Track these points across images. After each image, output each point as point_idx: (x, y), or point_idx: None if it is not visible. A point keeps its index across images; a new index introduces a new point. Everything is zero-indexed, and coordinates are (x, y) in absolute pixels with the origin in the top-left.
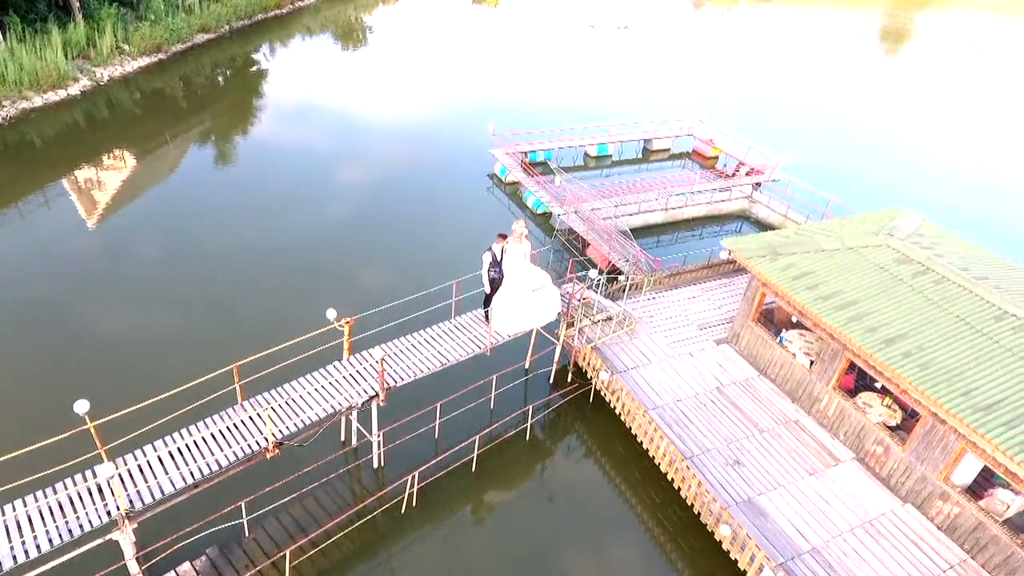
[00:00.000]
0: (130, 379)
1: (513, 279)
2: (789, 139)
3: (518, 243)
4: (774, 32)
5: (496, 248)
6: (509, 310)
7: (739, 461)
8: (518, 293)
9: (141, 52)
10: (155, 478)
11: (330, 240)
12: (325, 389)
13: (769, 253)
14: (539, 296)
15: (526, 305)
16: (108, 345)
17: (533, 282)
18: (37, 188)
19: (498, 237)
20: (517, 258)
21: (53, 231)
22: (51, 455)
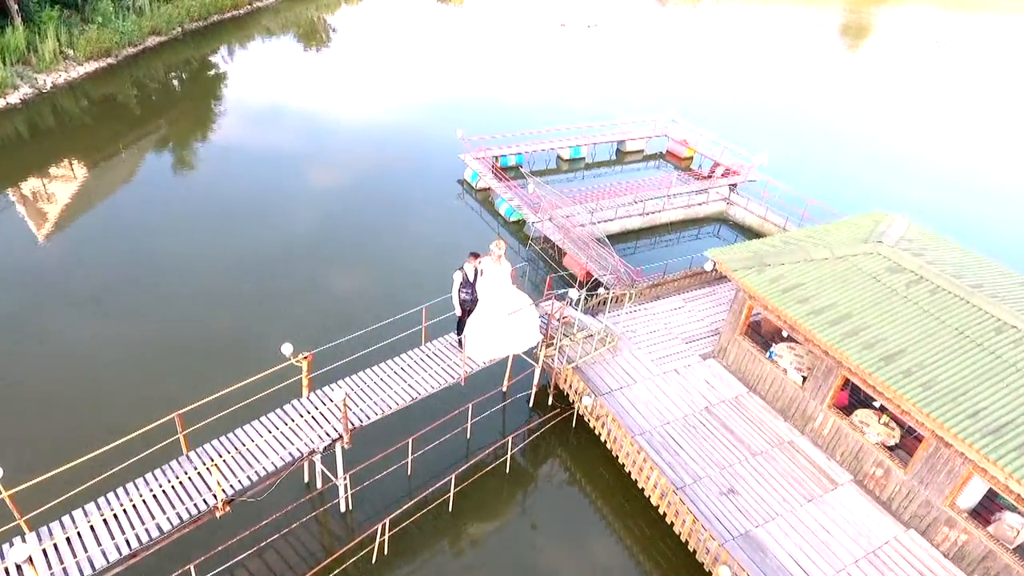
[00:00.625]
0: (56, 432)
1: (490, 302)
2: (760, 136)
3: (496, 264)
4: (738, 29)
5: (468, 268)
6: (485, 336)
7: (733, 489)
8: (495, 317)
9: (88, 57)
10: (85, 551)
11: (289, 259)
12: (282, 434)
13: (756, 264)
14: (518, 320)
15: (504, 330)
16: (35, 386)
17: (511, 305)
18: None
19: (469, 256)
20: (496, 280)
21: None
22: None
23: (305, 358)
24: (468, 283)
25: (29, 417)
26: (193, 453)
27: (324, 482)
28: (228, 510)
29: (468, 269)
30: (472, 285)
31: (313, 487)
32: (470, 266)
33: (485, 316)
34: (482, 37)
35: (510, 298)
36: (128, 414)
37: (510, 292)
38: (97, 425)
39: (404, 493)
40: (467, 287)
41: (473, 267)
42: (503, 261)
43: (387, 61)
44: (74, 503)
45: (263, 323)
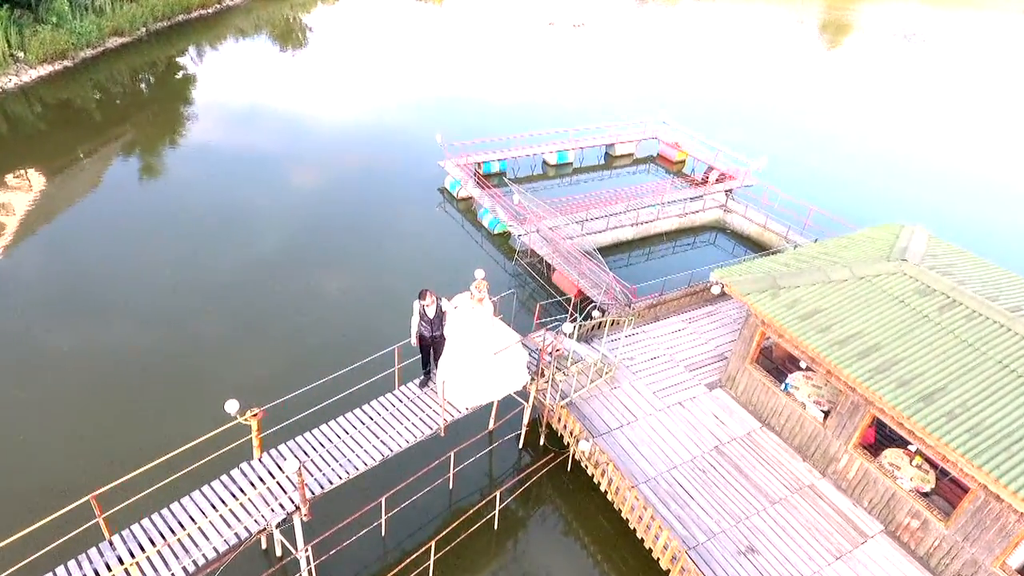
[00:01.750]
0: None
1: (470, 345)
2: (752, 136)
3: (477, 305)
4: (721, 27)
5: (425, 306)
6: (466, 381)
7: (753, 548)
8: (477, 361)
9: (41, 60)
10: None
11: (248, 284)
12: (229, 509)
13: (769, 287)
14: (502, 361)
15: (487, 374)
16: None
17: (495, 345)
18: None
19: (421, 294)
20: (477, 322)
21: None
22: None
23: (255, 415)
24: (427, 320)
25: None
26: (117, 538)
27: (284, 552)
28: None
29: (426, 308)
30: (431, 322)
31: (272, 556)
32: (427, 304)
33: (465, 359)
34: (463, 38)
35: (493, 338)
36: (36, 494)
37: (492, 331)
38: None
39: (377, 558)
40: (427, 323)
41: (430, 304)
42: (485, 302)
43: (366, 62)
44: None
45: (213, 366)
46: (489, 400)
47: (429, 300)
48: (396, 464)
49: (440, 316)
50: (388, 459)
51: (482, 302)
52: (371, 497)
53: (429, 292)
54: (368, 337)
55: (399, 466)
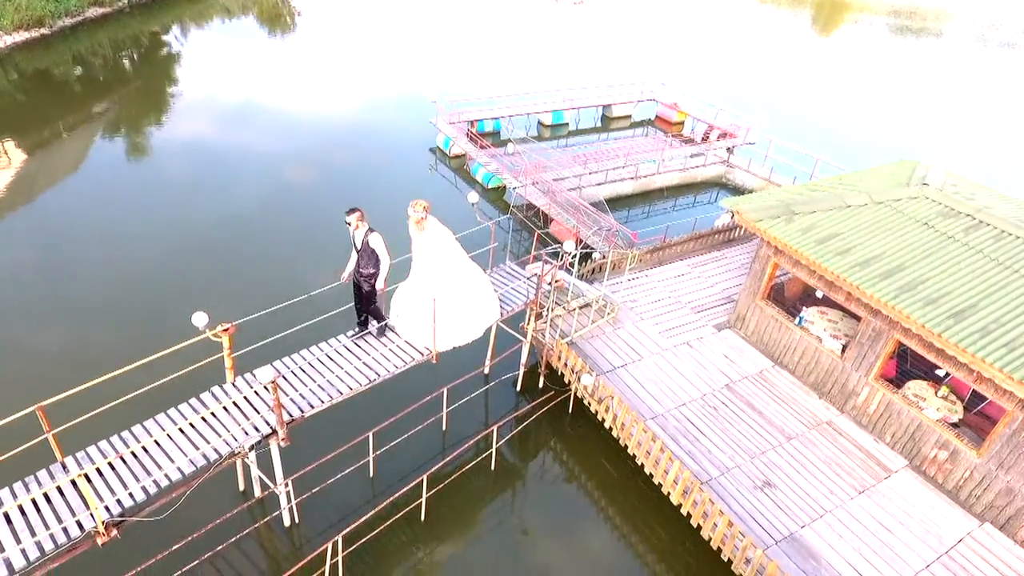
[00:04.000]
0: None
1: (425, 277)
2: (751, 96)
3: (418, 231)
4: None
5: (348, 224)
6: (418, 318)
7: (769, 482)
8: (428, 293)
9: (16, 26)
10: None
11: (234, 237)
12: (195, 429)
13: (783, 213)
14: (462, 295)
15: (445, 310)
16: None
17: (452, 279)
18: None
19: (347, 213)
20: (424, 251)
21: None
22: None
23: (226, 331)
24: (355, 248)
25: None
26: (70, 459)
27: (263, 489)
28: (115, 535)
29: (351, 230)
30: (358, 254)
31: (250, 495)
32: (350, 225)
33: (414, 293)
34: (464, 10)
35: (449, 271)
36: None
37: (448, 263)
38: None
39: (365, 500)
40: (355, 253)
41: (355, 228)
42: (427, 226)
43: (359, 34)
44: None
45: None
46: (453, 344)
47: (352, 220)
48: (384, 399)
49: (369, 252)
50: (376, 386)
51: (421, 224)
52: (358, 432)
53: (357, 211)
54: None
55: (388, 402)
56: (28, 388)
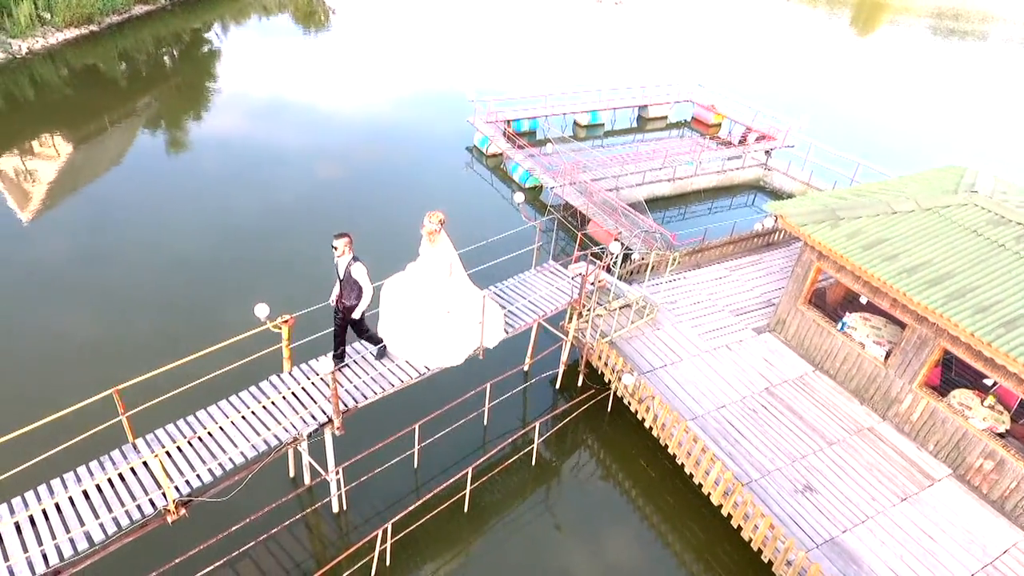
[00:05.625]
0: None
1: (418, 293)
2: (791, 98)
3: (430, 245)
4: (762, 8)
5: (335, 250)
6: (409, 337)
7: (810, 486)
8: (424, 315)
9: (67, 23)
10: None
11: (275, 233)
12: (256, 417)
13: (828, 218)
14: (459, 321)
15: (436, 333)
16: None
17: (451, 303)
18: None
19: (335, 238)
20: (427, 268)
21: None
22: None
23: (285, 322)
24: (337, 276)
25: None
26: (141, 441)
27: (313, 477)
28: (184, 514)
29: (336, 256)
30: (343, 283)
31: (300, 482)
32: (336, 251)
33: (408, 313)
34: (505, 9)
35: (448, 293)
36: (75, 400)
37: (447, 285)
38: (32, 410)
39: (410, 490)
40: (344, 287)
41: (340, 254)
42: (438, 240)
43: (397, 32)
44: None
45: (246, 301)
46: (446, 364)
47: (340, 246)
48: (429, 393)
49: (351, 283)
50: (424, 380)
51: (433, 237)
52: (404, 424)
53: (345, 236)
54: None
55: (432, 396)
56: (74, 372)
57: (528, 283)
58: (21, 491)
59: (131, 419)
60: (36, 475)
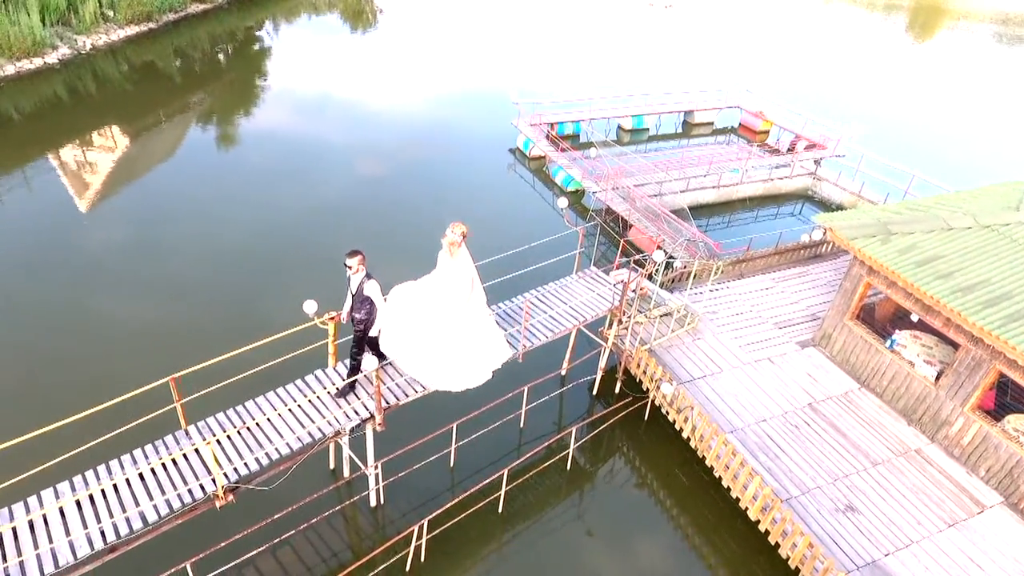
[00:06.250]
0: (40, 399)
1: (432, 309)
2: (847, 118)
3: (449, 257)
4: (811, 14)
5: (348, 267)
6: (415, 352)
7: (852, 506)
8: (434, 333)
9: (128, 20)
10: (50, 542)
11: (327, 228)
12: (302, 410)
13: (880, 232)
14: (468, 343)
15: (445, 352)
16: (36, 348)
17: (464, 323)
18: (16, 165)
19: (348, 256)
20: (446, 280)
21: (38, 216)
22: None
23: (332, 318)
24: (350, 291)
25: (12, 380)
26: (193, 427)
27: (352, 470)
28: (231, 499)
29: (349, 273)
30: (355, 299)
31: (339, 475)
32: (349, 267)
33: (418, 328)
34: (556, 11)
35: (465, 312)
36: (131, 385)
37: (465, 303)
38: (91, 393)
39: (446, 488)
40: (355, 302)
41: (354, 271)
42: (458, 253)
43: (443, 32)
44: (45, 481)
45: (292, 295)
46: (448, 388)
47: (354, 264)
48: (468, 394)
49: (363, 299)
50: None
51: (453, 249)
52: (442, 423)
53: (357, 254)
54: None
55: (471, 395)
56: (125, 357)
57: (569, 288)
58: (82, 470)
59: (184, 406)
60: (96, 455)
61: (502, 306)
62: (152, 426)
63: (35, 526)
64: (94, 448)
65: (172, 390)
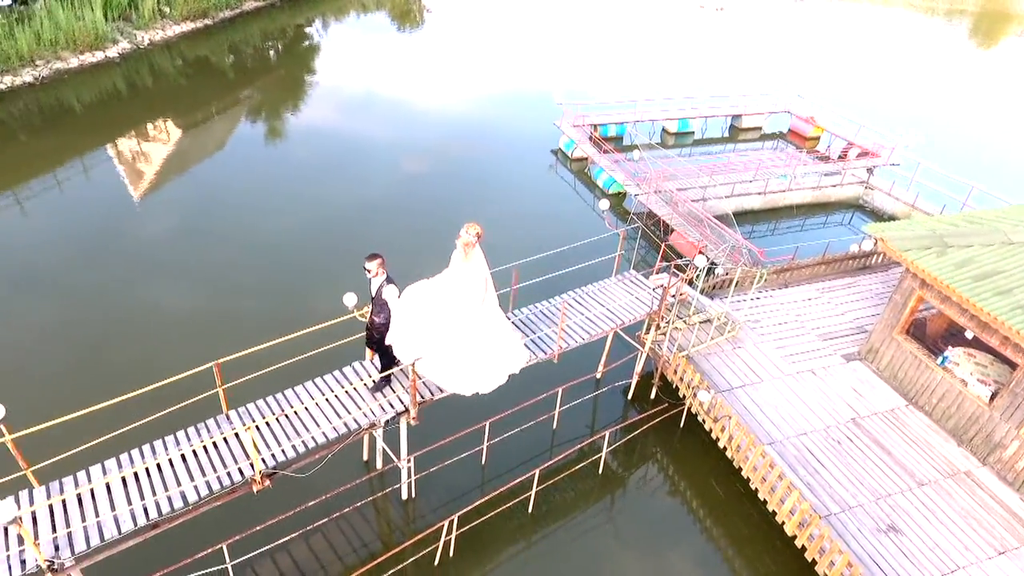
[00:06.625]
0: (87, 378)
1: (444, 311)
2: (903, 126)
3: (463, 260)
4: (869, 24)
5: (367, 270)
6: (428, 354)
7: (895, 527)
8: (445, 336)
9: (185, 17)
10: (96, 516)
11: (369, 223)
12: (339, 400)
13: (935, 244)
14: (482, 348)
15: (458, 356)
16: (85, 330)
17: (477, 328)
18: (76, 154)
19: (367, 259)
20: (458, 284)
21: (94, 204)
22: None
23: (363, 313)
24: (372, 297)
25: (64, 361)
26: (234, 412)
27: (385, 463)
28: (268, 484)
29: (369, 276)
30: (374, 302)
31: (373, 467)
32: (369, 271)
33: (428, 329)
34: (605, 12)
35: (479, 315)
36: (176, 369)
37: (479, 306)
38: (138, 375)
39: (476, 485)
40: (375, 306)
41: (373, 275)
42: (472, 254)
43: (489, 32)
44: (93, 457)
45: (333, 288)
46: (460, 391)
47: (373, 268)
48: (502, 392)
49: (381, 303)
50: None
51: (468, 251)
52: (475, 420)
53: (376, 257)
54: None
55: (503, 395)
56: (173, 342)
57: (607, 291)
58: (128, 448)
59: (226, 391)
60: (142, 435)
61: (539, 306)
62: (195, 409)
63: (83, 500)
64: (140, 428)
65: (215, 375)
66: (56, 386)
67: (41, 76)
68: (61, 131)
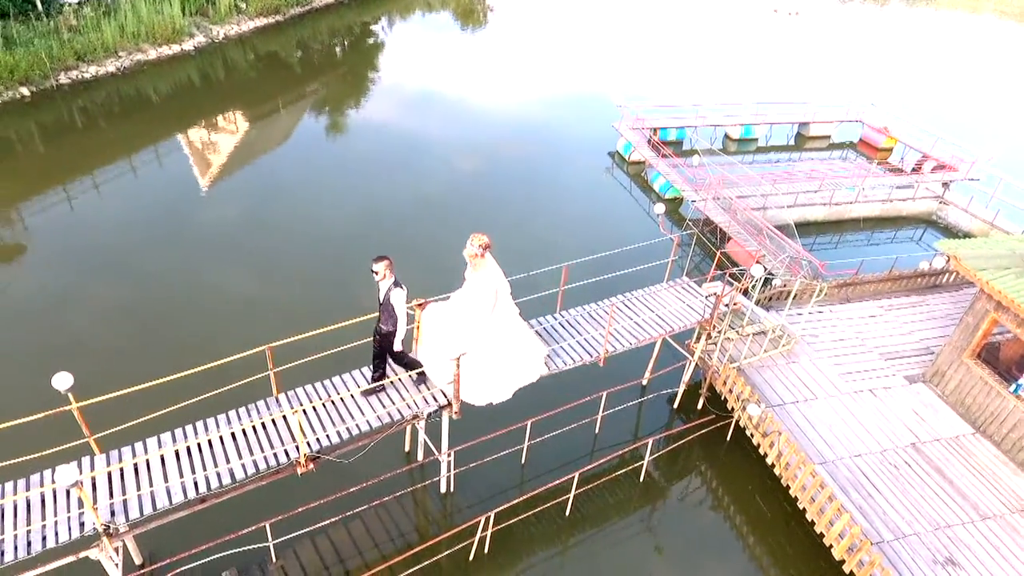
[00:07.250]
0: (152, 356)
1: (461, 323)
2: (985, 139)
3: (472, 270)
4: (955, 31)
5: (375, 273)
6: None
7: (953, 560)
8: (457, 347)
9: (258, 12)
10: (150, 486)
11: (424, 219)
12: (384, 389)
13: (1015, 264)
14: (498, 358)
15: (475, 368)
16: (149, 311)
17: (492, 335)
18: (151, 142)
19: (374, 261)
20: (476, 291)
21: (164, 190)
22: (35, 439)
23: (419, 305)
24: (379, 302)
25: (128, 337)
26: (283, 396)
27: (426, 455)
28: (312, 468)
29: (377, 279)
30: (382, 308)
31: (413, 458)
32: (376, 273)
33: (443, 341)
34: (677, 15)
35: (489, 326)
36: (231, 350)
37: (489, 317)
38: (195, 355)
39: (515, 484)
40: (382, 312)
41: (380, 277)
42: (481, 265)
43: (552, 31)
44: (150, 431)
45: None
46: (475, 401)
47: (380, 270)
48: (543, 393)
49: (388, 308)
50: (541, 379)
51: (475, 262)
52: (517, 419)
53: (383, 259)
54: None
55: (546, 395)
56: (229, 324)
57: (658, 296)
58: (183, 424)
59: (277, 375)
60: (195, 412)
61: (587, 308)
62: (247, 390)
63: (139, 469)
64: (194, 405)
65: (267, 359)
66: (120, 360)
67: (123, 67)
68: (138, 119)
